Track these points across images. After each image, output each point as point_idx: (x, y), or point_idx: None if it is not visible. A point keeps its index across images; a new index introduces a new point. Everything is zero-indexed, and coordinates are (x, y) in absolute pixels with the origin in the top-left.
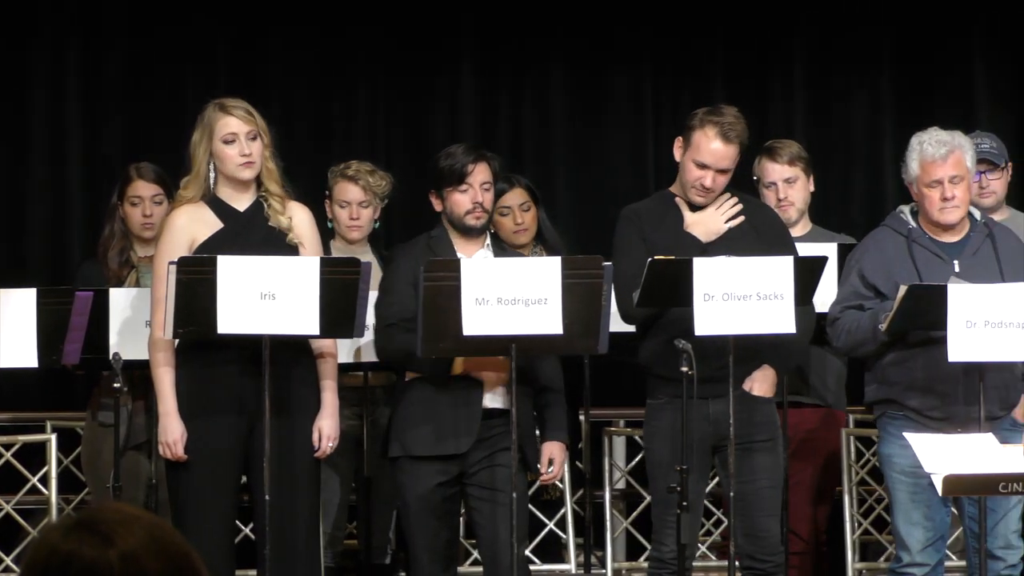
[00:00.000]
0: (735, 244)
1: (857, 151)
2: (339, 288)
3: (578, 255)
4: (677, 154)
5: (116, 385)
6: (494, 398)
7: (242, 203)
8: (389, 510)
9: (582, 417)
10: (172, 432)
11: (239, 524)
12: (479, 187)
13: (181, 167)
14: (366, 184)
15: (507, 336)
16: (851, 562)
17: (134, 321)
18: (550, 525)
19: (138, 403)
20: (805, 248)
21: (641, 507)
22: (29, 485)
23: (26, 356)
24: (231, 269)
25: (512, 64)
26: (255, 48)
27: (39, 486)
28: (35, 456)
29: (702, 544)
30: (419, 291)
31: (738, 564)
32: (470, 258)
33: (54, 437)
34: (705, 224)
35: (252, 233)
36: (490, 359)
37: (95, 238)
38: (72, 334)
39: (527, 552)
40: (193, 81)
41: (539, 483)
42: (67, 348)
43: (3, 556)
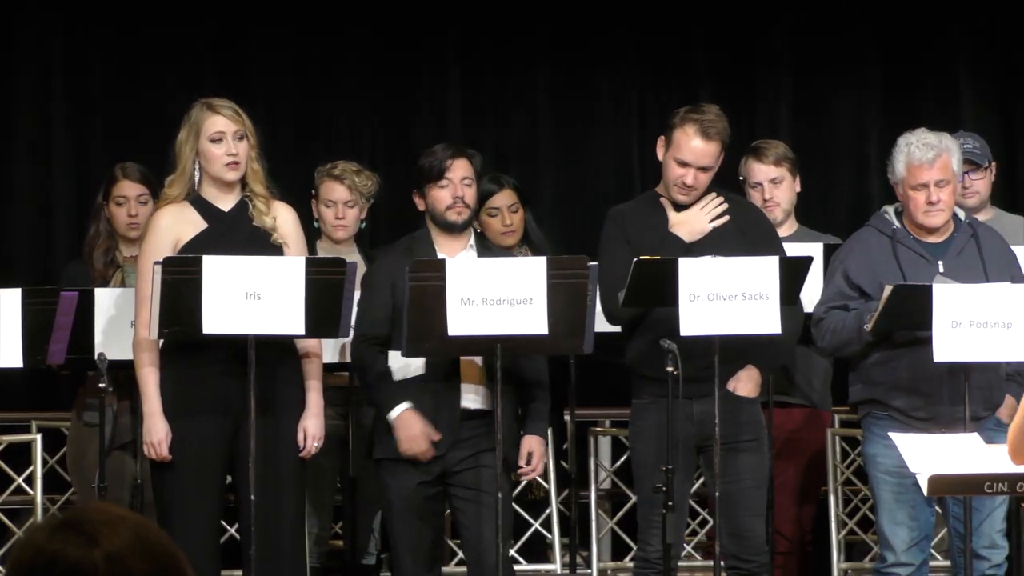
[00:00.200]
0: (720, 244)
1: (842, 151)
2: (324, 288)
3: (563, 255)
4: (659, 153)
5: (101, 385)
6: (473, 399)
7: (227, 203)
8: (374, 510)
9: (567, 417)
10: (156, 432)
11: (224, 524)
12: (459, 182)
13: (166, 167)
14: (352, 184)
15: (492, 336)
16: (836, 562)
17: (119, 321)
18: (535, 525)
19: (123, 403)
20: (791, 248)
21: (627, 507)
22: (14, 485)
23: (11, 356)
24: (216, 269)
25: (497, 65)
26: (239, 48)
27: (24, 486)
28: (20, 456)
29: (687, 544)
30: (404, 291)
31: (723, 564)
32: (453, 258)
33: (39, 437)
34: (689, 224)
35: (237, 233)
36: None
37: (80, 238)
38: (57, 334)
39: (512, 552)
40: (177, 81)
41: (520, 478)
42: (52, 348)
43: None
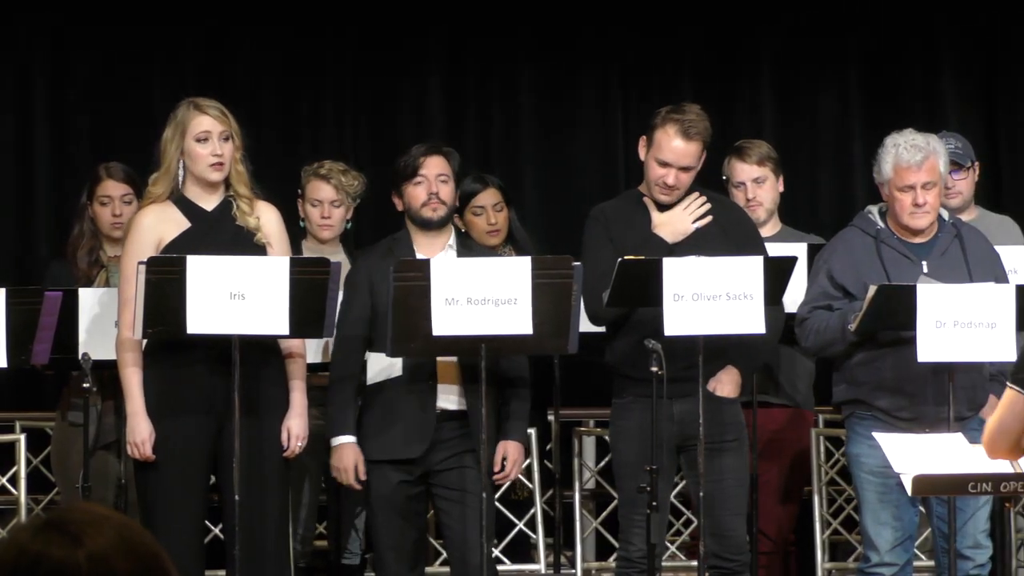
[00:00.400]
0: (702, 244)
1: (826, 152)
2: (308, 288)
3: (548, 255)
4: (641, 153)
5: (85, 385)
6: (450, 399)
7: (210, 203)
8: (358, 510)
9: (552, 417)
10: (140, 432)
11: (208, 524)
12: (434, 179)
13: (149, 167)
14: (338, 183)
15: (477, 336)
16: (820, 562)
17: (103, 321)
18: (520, 525)
19: (107, 403)
20: (775, 248)
21: (611, 507)
22: None
23: None
24: (200, 269)
25: (481, 65)
26: (223, 48)
27: (8, 486)
28: (4, 456)
29: (672, 544)
30: (389, 291)
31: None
32: (434, 258)
33: (23, 437)
34: (672, 225)
35: (220, 233)
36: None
37: (64, 238)
38: (41, 334)
39: (496, 552)
40: (161, 81)
41: (496, 482)
42: (36, 348)
43: None
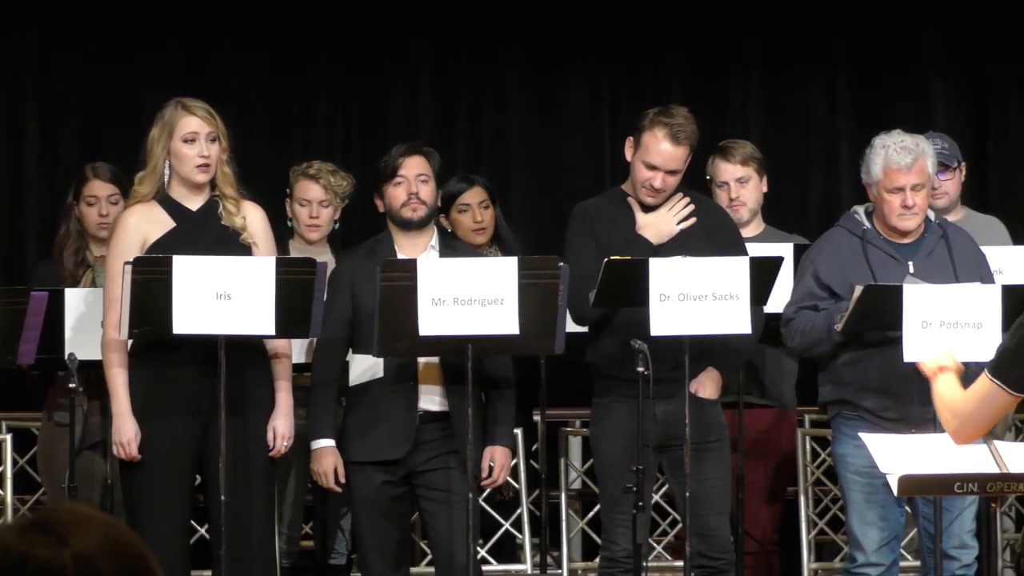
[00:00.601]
0: (686, 245)
1: (814, 152)
2: (295, 288)
3: (534, 255)
4: (628, 154)
5: (72, 385)
6: (431, 400)
7: (195, 203)
8: (344, 510)
9: (538, 417)
10: (125, 432)
11: (194, 524)
12: (414, 179)
13: (136, 167)
14: (327, 183)
15: (463, 336)
16: (807, 562)
17: (90, 321)
18: (506, 525)
19: (93, 403)
20: (758, 248)
21: (597, 507)
22: None
23: None
24: (187, 269)
25: (469, 65)
26: (211, 49)
27: None
28: None
29: (657, 544)
30: (376, 291)
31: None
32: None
33: (9, 437)
34: (657, 226)
35: (205, 232)
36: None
37: (50, 238)
38: (27, 334)
39: (483, 552)
40: (148, 82)
41: (483, 487)
42: (22, 348)
43: None
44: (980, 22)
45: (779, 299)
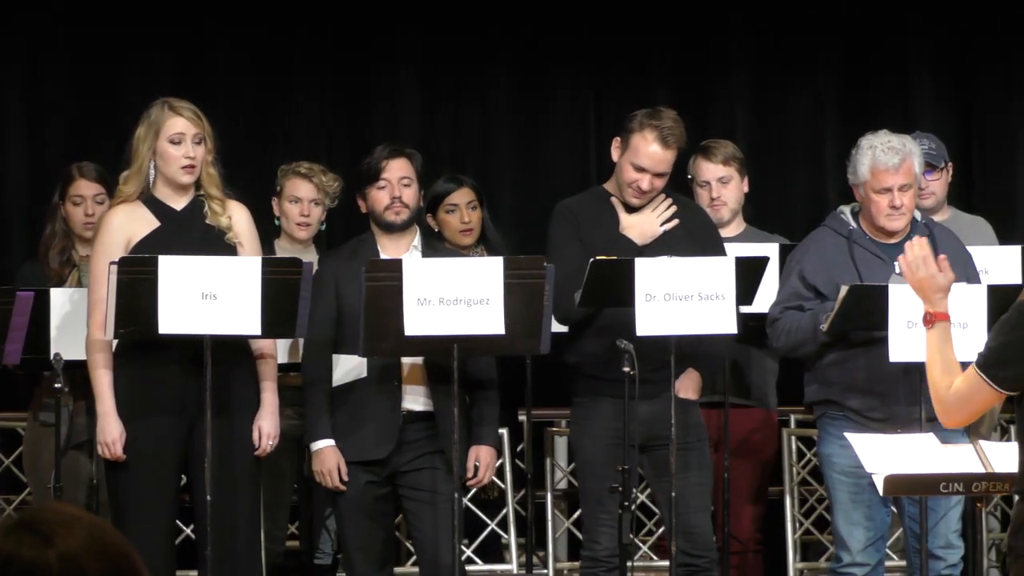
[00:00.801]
0: (670, 246)
1: (799, 152)
2: (280, 288)
3: (520, 255)
4: (615, 154)
5: (57, 385)
6: (415, 400)
7: (179, 202)
8: (329, 510)
9: (523, 417)
10: (110, 432)
11: (180, 524)
12: (397, 182)
13: (121, 167)
14: (319, 182)
15: (449, 336)
16: (792, 562)
17: (75, 321)
18: (492, 525)
19: (79, 403)
20: (741, 248)
21: None
22: None
23: None
24: (172, 269)
25: (455, 65)
26: (197, 49)
27: None
28: None
29: (643, 544)
30: (361, 292)
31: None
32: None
33: None
34: (640, 227)
35: (190, 232)
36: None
37: (36, 238)
38: (13, 334)
39: (468, 552)
40: (134, 81)
41: (469, 487)
42: (8, 348)
43: None
44: (966, 23)
45: (765, 300)
